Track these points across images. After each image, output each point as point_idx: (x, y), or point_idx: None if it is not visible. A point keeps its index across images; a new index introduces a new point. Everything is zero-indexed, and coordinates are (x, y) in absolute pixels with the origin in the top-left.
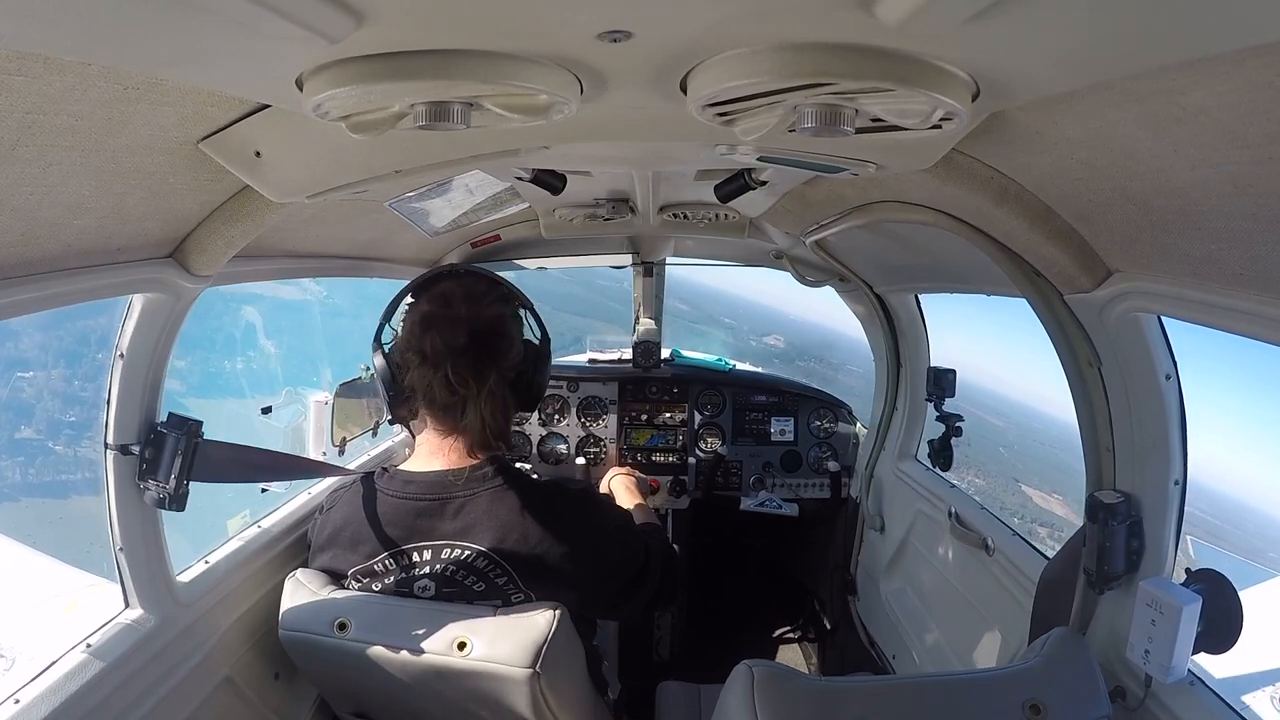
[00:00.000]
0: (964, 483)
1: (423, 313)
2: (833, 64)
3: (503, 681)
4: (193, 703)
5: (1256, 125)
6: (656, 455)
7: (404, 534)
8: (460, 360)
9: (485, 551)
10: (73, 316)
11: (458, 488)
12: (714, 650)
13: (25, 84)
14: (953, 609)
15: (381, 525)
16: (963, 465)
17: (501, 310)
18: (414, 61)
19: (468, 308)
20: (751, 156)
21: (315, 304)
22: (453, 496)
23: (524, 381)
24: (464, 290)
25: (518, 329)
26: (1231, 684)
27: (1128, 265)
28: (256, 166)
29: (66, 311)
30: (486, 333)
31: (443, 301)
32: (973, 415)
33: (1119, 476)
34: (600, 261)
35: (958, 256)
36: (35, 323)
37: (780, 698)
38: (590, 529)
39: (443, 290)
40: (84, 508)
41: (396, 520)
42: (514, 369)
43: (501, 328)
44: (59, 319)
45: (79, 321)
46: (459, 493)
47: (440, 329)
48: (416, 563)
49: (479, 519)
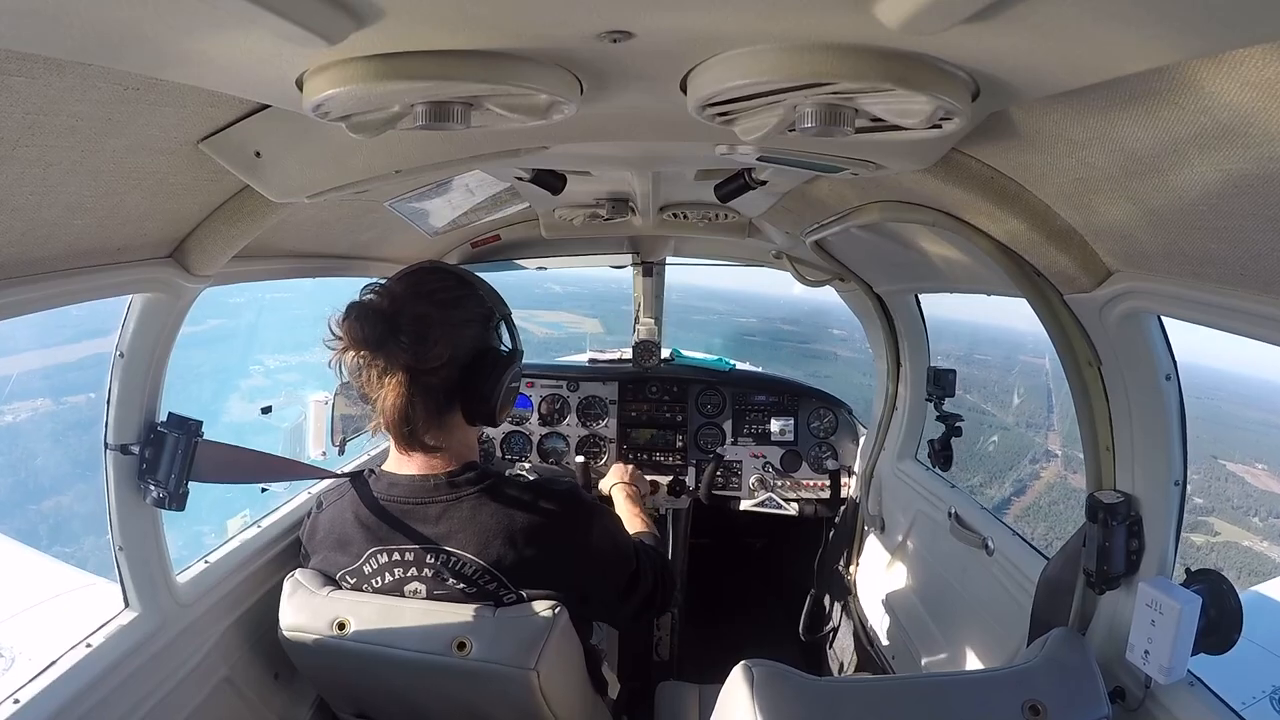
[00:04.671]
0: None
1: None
2: (832, 64)
3: (502, 681)
4: (192, 703)
5: (1256, 125)
6: (656, 455)
7: (389, 535)
8: (364, 347)
9: (471, 559)
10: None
11: (439, 493)
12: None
13: (25, 84)
14: (953, 609)
15: (367, 526)
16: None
17: (441, 311)
18: (414, 61)
19: (392, 302)
20: (751, 156)
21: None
22: (435, 500)
23: (462, 388)
24: (410, 284)
25: (466, 334)
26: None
27: (1127, 265)
28: (256, 166)
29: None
30: (400, 328)
31: (381, 291)
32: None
33: (1119, 476)
34: (600, 261)
35: (958, 256)
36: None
37: (780, 698)
38: (578, 530)
39: (392, 282)
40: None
41: (383, 521)
42: (439, 375)
43: (422, 326)
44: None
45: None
46: (441, 497)
47: (357, 315)
48: (401, 563)
49: (462, 526)
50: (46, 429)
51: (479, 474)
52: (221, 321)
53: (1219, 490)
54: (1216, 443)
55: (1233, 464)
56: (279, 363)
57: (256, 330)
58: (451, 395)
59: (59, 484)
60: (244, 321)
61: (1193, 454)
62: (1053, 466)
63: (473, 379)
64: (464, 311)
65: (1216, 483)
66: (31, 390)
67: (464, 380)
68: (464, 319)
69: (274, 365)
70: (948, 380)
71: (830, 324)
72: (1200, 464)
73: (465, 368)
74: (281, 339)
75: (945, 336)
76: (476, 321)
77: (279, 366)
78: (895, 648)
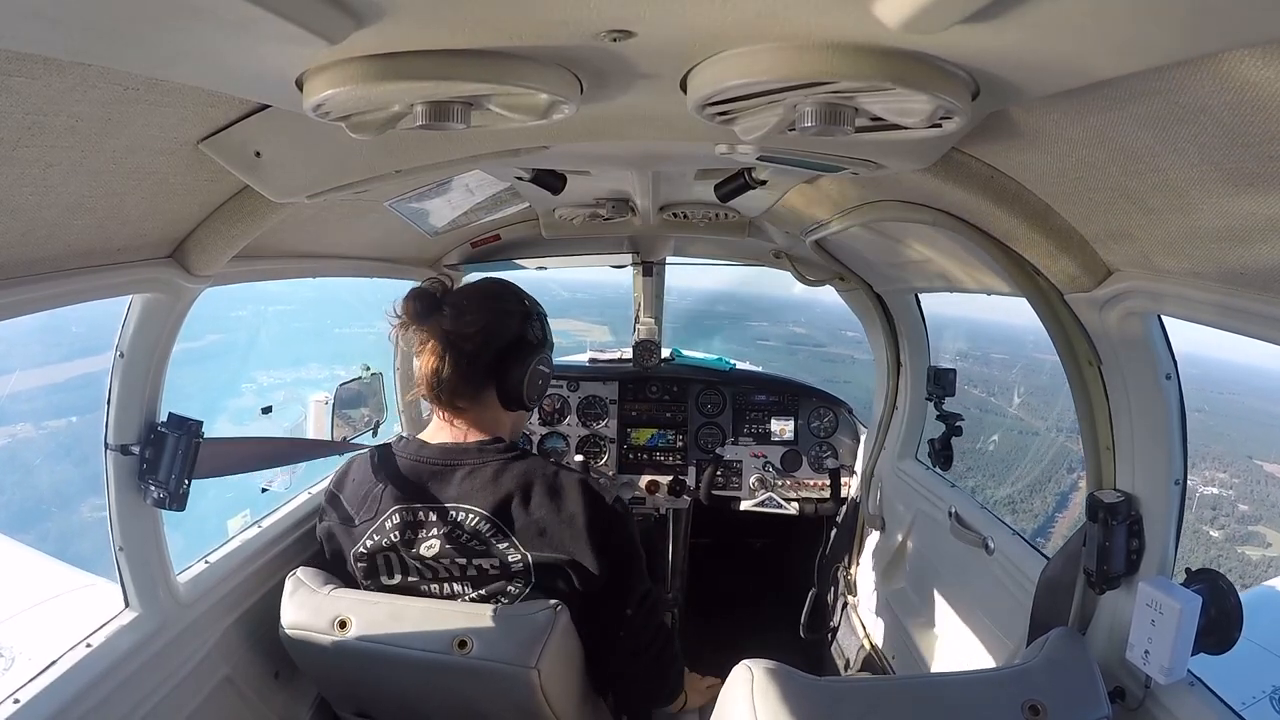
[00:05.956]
0: (1212, 487)
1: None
2: (833, 63)
3: (503, 679)
4: (193, 702)
5: (1256, 125)
6: (657, 455)
7: (414, 494)
8: (414, 320)
9: (486, 515)
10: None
11: (468, 457)
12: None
13: (25, 84)
14: (953, 609)
15: (395, 483)
16: (1190, 456)
17: (482, 298)
18: (414, 61)
19: (444, 289)
20: (751, 156)
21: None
22: (462, 463)
23: (496, 367)
24: (464, 284)
25: (503, 321)
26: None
27: (1127, 264)
28: (256, 167)
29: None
30: (443, 304)
31: (438, 283)
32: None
33: (1119, 476)
34: (600, 261)
35: (958, 256)
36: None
37: (780, 697)
38: (593, 504)
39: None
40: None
41: (409, 480)
42: (473, 343)
43: (462, 300)
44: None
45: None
46: (469, 460)
47: (412, 294)
48: (423, 522)
49: (484, 485)
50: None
51: (509, 445)
52: (220, 336)
53: (1262, 495)
54: (1249, 442)
55: (1270, 464)
56: (273, 379)
57: (253, 346)
58: (487, 371)
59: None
60: (240, 338)
61: (1225, 454)
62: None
63: (505, 360)
64: (503, 302)
65: (1257, 486)
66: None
67: (498, 361)
68: (502, 308)
69: (267, 382)
70: (948, 379)
71: (841, 326)
72: (1237, 466)
73: (500, 350)
74: (279, 353)
75: (965, 334)
76: (514, 315)
77: (272, 384)
78: (895, 647)
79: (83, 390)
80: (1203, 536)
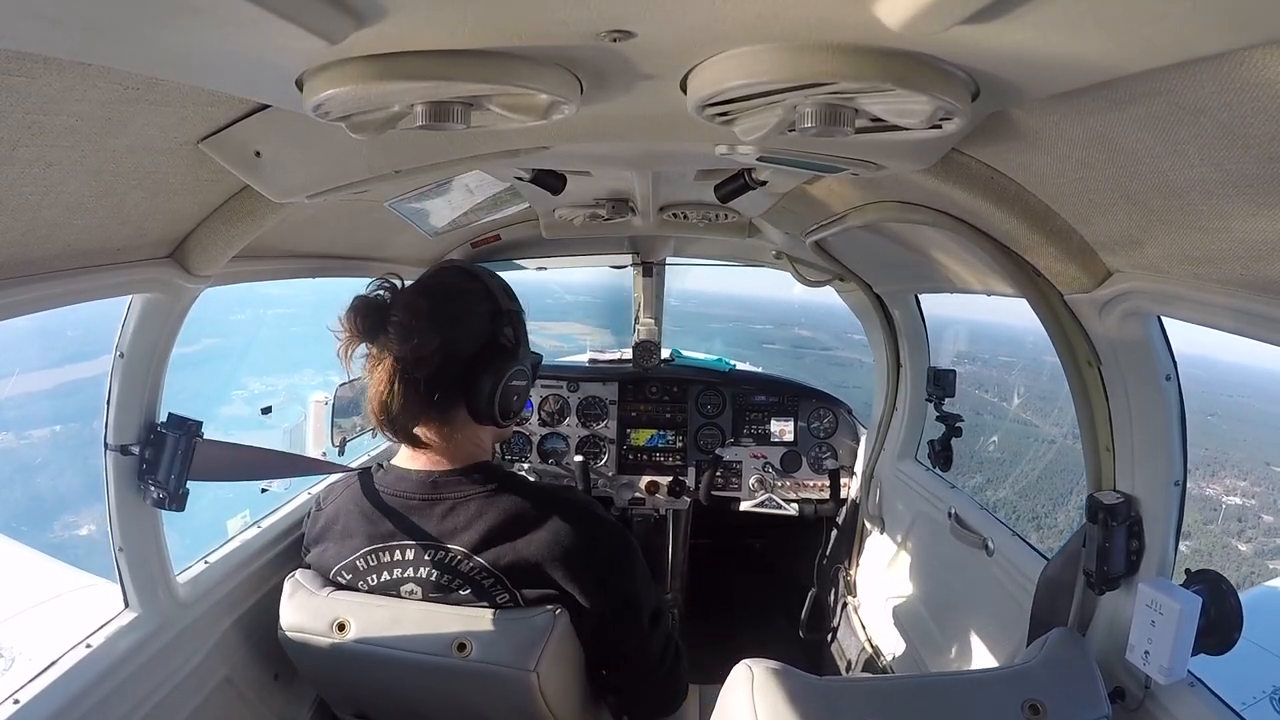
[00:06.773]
0: (1235, 497)
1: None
2: (833, 64)
3: (502, 682)
4: (192, 703)
5: (1256, 125)
6: (656, 455)
7: (391, 530)
8: (360, 337)
9: (469, 554)
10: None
11: (448, 490)
12: (714, 649)
13: (25, 84)
14: (953, 609)
15: (370, 520)
16: (1209, 464)
17: (436, 304)
18: (414, 61)
19: (391, 295)
20: (751, 156)
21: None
22: (443, 498)
23: (463, 383)
24: (418, 280)
25: (467, 328)
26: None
27: (1127, 265)
28: (256, 166)
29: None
30: (390, 319)
31: (386, 286)
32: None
33: (1119, 477)
34: (600, 261)
35: (958, 256)
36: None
37: (780, 697)
38: (590, 537)
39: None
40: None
41: (386, 516)
42: (429, 365)
43: (411, 317)
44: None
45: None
46: (449, 494)
47: (355, 306)
48: (399, 562)
49: (469, 522)
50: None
51: (488, 474)
52: (217, 340)
53: None
54: (1266, 447)
55: None
56: (265, 386)
57: (248, 351)
58: (452, 390)
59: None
60: (236, 342)
61: (1242, 461)
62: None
63: (474, 371)
64: (462, 306)
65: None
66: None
67: (467, 372)
68: (465, 311)
69: (259, 389)
70: (948, 380)
71: (845, 328)
72: (1257, 474)
73: (467, 360)
74: (274, 359)
75: (966, 336)
76: (480, 316)
77: (264, 390)
78: (895, 647)
79: (70, 398)
80: (1233, 552)
